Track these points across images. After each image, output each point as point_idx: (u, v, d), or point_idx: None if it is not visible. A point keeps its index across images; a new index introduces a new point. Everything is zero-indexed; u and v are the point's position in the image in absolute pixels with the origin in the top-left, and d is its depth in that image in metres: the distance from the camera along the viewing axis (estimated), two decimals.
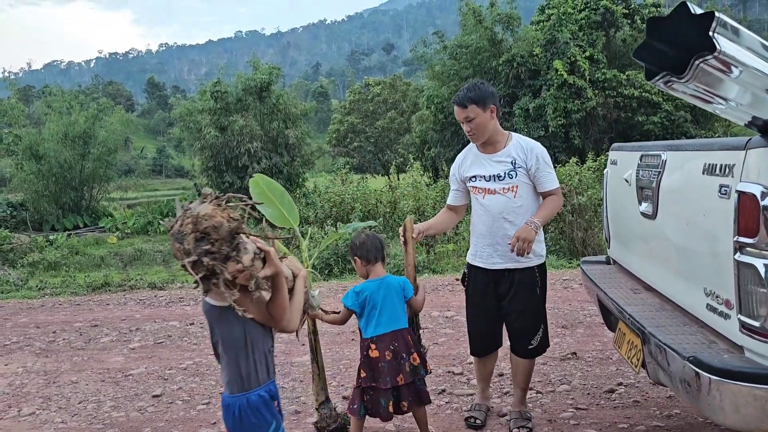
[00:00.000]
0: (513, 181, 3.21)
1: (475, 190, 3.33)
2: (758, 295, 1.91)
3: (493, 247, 3.28)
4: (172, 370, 4.89)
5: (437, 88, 21.30)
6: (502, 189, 3.23)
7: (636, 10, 20.88)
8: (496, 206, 3.23)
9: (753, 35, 1.97)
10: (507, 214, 3.22)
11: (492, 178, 3.25)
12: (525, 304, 3.31)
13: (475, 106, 3.19)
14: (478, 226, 3.34)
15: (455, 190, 3.48)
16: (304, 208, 13.98)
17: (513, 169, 3.22)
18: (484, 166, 3.29)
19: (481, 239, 3.31)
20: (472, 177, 3.32)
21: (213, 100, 22.54)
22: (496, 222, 3.24)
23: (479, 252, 3.35)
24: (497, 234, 3.25)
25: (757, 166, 1.94)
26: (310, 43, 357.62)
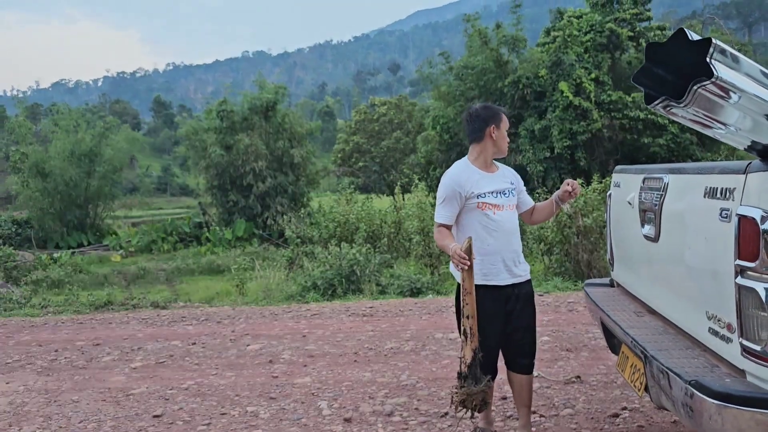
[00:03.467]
0: (513, 200, 3.39)
1: (485, 206, 3.28)
2: (759, 319, 1.90)
3: (503, 264, 3.29)
4: (174, 390, 4.87)
5: (443, 108, 21.39)
6: (509, 206, 3.35)
7: (641, 33, 20.99)
8: (508, 222, 3.32)
9: (753, 63, 1.99)
10: (515, 230, 3.36)
11: (499, 195, 3.32)
12: (530, 318, 3.37)
13: None
14: (488, 242, 3.26)
15: (454, 209, 3.32)
16: (309, 228, 14.00)
17: (512, 189, 3.40)
18: (491, 183, 3.33)
19: (491, 256, 3.27)
20: (482, 194, 3.28)
21: (219, 119, 22.68)
22: (509, 237, 3.31)
23: (486, 270, 3.26)
24: (510, 249, 3.31)
25: (757, 190, 1.95)
26: (316, 63, 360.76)
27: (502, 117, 3.34)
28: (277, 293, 10.12)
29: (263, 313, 7.76)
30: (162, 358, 5.83)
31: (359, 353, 5.64)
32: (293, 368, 5.28)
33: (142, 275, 16.33)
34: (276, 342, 6.19)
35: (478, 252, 3.22)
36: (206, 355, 5.83)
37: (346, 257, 9.82)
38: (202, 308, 8.72)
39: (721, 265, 2.11)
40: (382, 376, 4.92)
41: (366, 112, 38.98)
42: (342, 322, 6.98)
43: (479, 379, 3.09)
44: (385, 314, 7.32)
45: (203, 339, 6.48)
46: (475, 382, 3.08)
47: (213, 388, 4.84)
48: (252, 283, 11.81)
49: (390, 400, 4.36)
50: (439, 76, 22.07)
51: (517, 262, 3.33)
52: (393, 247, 12.38)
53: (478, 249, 3.24)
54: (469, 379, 3.08)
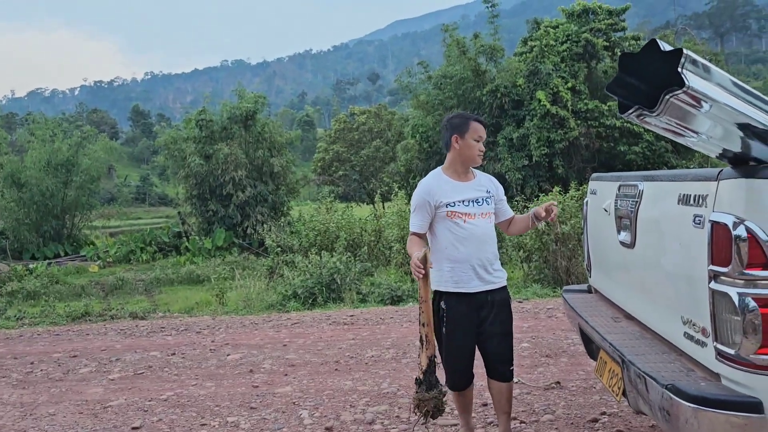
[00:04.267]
0: (489, 208, 3.36)
1: (454, 215, 3.27)
2: (733, 323, 1.94)
3: (474, 271, 3.25)
4: (153, 401, 4.81)
5: (422, 117, 21.51)
6: (482, 214, 3.31)
7: (616, 43, 21.35)
8: (479, 230, 3.27)
9: (723, 72, 2.04)
10: (489, 238, 3.32)
11: (471, 203, 3.29)
12: (505, 325, 3.33)
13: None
14: (459, 249, 3.25)
15: (424, 217, 3.34)
16: (289, 237, 13.95)
17: (489, 197, 3.37)
18: (462, 192, 3.31)
19: (460, 264, 3.25)
20: (451, 203, 3.28)
21: (198, 128, 22.56)
22: (480, 245, 3.26)
23: (457, 277, 3.27)
24: (482, 257, 3.26)
25: (728, 196, 1.99)
26: (296, 73, 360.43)
27: (467, 126, 3.30)
28: (257, 302, 10.06)
29: (243, 323, 7.71)
30: (141, 369, 5.76)
31: (340, 362, 5.63)
32: (274, 377, 5.25)
33: (120, 286, 16.12)
34: (256, 351, 6.15)
35: (449, 259, 3.27)
36: (186, 366, 5.78)
37: (326, 266, 9.80)
38: (181, 318, 8.64)
39: (695, 271, 2.15)
40: (363, 385, 4.91)
41: (346, 121, 39.02)
42: (323, 331, 6.96)
43: (433, 386, 3.12)
44: (366, 322, 7.32)
45: (183, 349, 6.41)
46: (428, 388, 3.11)
47: (193, 399, 4.79)
48: (232, 292, 11.72)
49: (371, 409, 4.35)
50: (418, 85, 22.20)
51: (489, 269, 3.29)
52: (373, 256, 12.39)
53: (449, 256, 3.27)
54: (423, 385, 3.12)
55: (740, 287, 1.92)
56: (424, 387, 3.11)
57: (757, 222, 1.89)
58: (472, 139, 3.29)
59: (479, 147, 3.32)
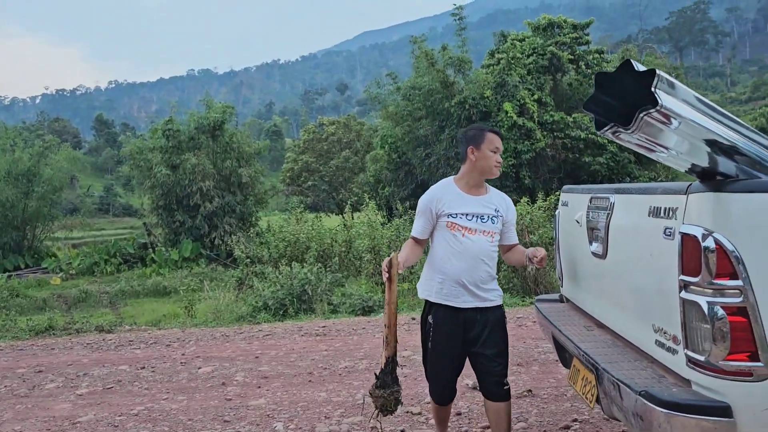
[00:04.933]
0: (493, 227, 3.26)
1: (453, 227, 3.21)
2: (702, 331, 2.02)
3: (464, 287, 3.19)
4: (123, 416, 4.73)
5: (391, 128, 21.64)
6: (483, 231, 3.22)
7: (581, 56, 21.85)
8: (476, 247, 3.19)
9: (687, 89, 2.13)
10: (485, 257, 3.22)
11: (474, 218, 3.22)
12: (499, 345, 3.26)
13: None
14: (451, 263, 3.20)
15: (425, 223, 3.30)
16: (258, 248, 13.85)
17: (496, 216, 3.27)
18: (467, 205, 3.24)
19: (451, 278, 3.20)
20: (453, 214, 3.21)
21: (164, 138, 22.30)
22: (474, 263, 3.19)
23: (446, 290, 3.22)
24: (473, 275, 3.19)
25: (697, 209, 2.08)
26: (264, 83, 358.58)
27: (483, 137, 3.24)
28: (227, 314, 9.95)
29: (214, 335, 7.63)
30: (109, 383, 5.65)
31: (314, 373, 5.62)
32: (247, 390, 5.21)
33: (83, 298, 15.77)
34: (228, 364, 6.09)
35: (441, 271, 3.23)
36: (156, 380, 5.69)
37: (297, 277, 9.77)
38: (149, 331, 8.49)
39: (666, 281, 2.23)
40: (338, 396, 4.91)
41: (314, 131, 39.03)
42: (295, 342, 6.93)
43: (386, 385, 3.13)
44: (338, 333, 7.31)
45: (152, 363, 6.31)
46: (380, 385, 3.13)
47: (164, 413, 4.72)
48: (201, 304, 11.57)
49: (346, 420, 4.35)
50: (387, 96, 22.33)
51: (482, 288, 3.22)
52: (344, 266, 12.38)
53: (441, 268, 3.23)
54: (378, 382, 3.16)
55: (709, 296, 2.00)
56: (378, 384, 3.15)
57: (725, 234, 1.98)
58: (488, 150, 3.24)
59: (496, 158, 3.25)
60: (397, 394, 3.15)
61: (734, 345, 1.96)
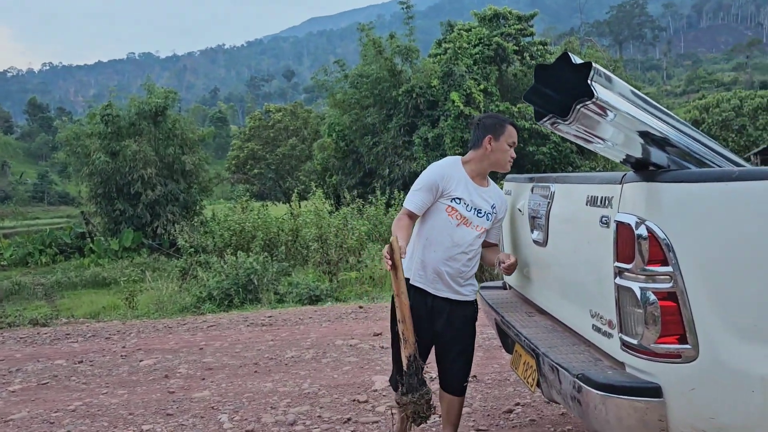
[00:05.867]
0: (486, 223, 3.15)
1: (452, 212, 3.06)
2: (635, 316, 2.10)
3: (440, 277, 3.08)
4: (59, 412, 4.57)
5: (338, 116, 21.56)
6: (477, 226, 3.10)
7: (525, 48, 22.25)
8: (466, 239, 3.08)
9: (623, 82, 2.20)
10: (471, 252, 3.12)
11: (474, 211, 3.09)
12: (465, 342, 3.20)
13: None
14: (433, 248, 3.07)
15: (427, 199, 3.08)
16: (202, 237, 13.59)
17: (491, 213, 3.16)
18: (471, 194, 3.10)
19: (433, 264, 3.07)
20: (458, 198, 3.06)
21: (103, 123, 21.59)
22: (460, 255, 3.08)
23: (424, 274, 3.10)
24: (455, 267, 3.08)
25: (631, 198, 2.15)
26: (208, 68, 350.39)
27: (504, 129, 3.10)
28: (170, 305, 9.75)
29: (156, 327, 7.46)
30: (45, 379, 5.45)
31: (259, 363, 5.57)
32: (191, 382, 5.12)
33: (16, 291, 15.11)
34: (171, 356, 5.97)
35: (423, 255, 3.08)
36: (95, 374, 5.52)
37: (242, 266, 9.64)
38: (88, 324, 8.23)
39: (602, 267, 2.30)
40: (284, 386, 4.89)
41: (261, 118, 38.49)
42: (240, 333, 6.85)
43: (413, 389, 2.86)
44: (285, 323, 7.27)
45: (91, 356, 6.13)
46: (407, 390, 2.86)
47: (104, 408, 4.59)
48: (142, 295, 11.29)
49: (292, 410, 4.34)
50: (335, 84, 22.22)
51: (460, 281, 3.12)
52: (291, 255, 12.29)
53: (424, 252, 3.08)
54: (402, 388, 2.88)
55: (642, 282, 2.08)
56: (404, 389, 2.87)
57: (657, 222, 2.05)
58: (506, 143, 3.11)
59: (511, 153, 3.14)
60: (427, 396, 2.89)
61: (665, 328, 2.04)
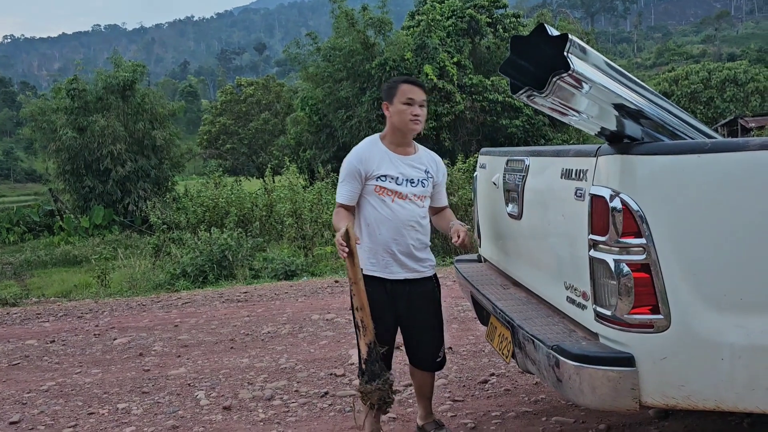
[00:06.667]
0: (424, 191, 3.03)
1: (382, 191, 2.95)
2: (609, 287, 2.13)
3: (393, 257, 2.97)
4: (32, 393, 4.51)
5: (311, 89, 21.32)
6: (414, 196, 2.98)
7: (498, 20, 22.15)
8: (405, 212, 2.96)
9: (598, 54, 2.19)
10: (416, 223, 3.00)
11: (405, 182, 2.97)
12: (430, 318, 3.10)
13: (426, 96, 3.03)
14: (378, 232, 2.97)
15: (354, 188, 2.99)
16: (175, 213, 13.43)
17: (426, 179, 3.04)
18: (396, 166, 2.98)
19: (382, 246, 2.97)
20: (382, 176, 2.95)
21: (69, 98, 21.09)
22: (405, 230, 2.96)
23: (375, 260, 2.99)
24: (404, 243, 2.97)
25: (606, 171, 2.16)
26: (177, 41, 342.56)
27: (396, 90, 2.94)
28: (143, 283, 9.65)
29: (130, 305, 7.38)
30: (16, 359, 5.37)
31: (235, 340, 5.55)
32: (166, 360, 5.09)
33: None
34: (146, 334, 5.92)
35: (370, 239, 2.99)
36: (68, 353, 5.46)
37: (216, 242, 9.57)
38: (59, 303, 8.11)
39: (576, 240, 2.32)
40: (261, 361, 4.88)
41: (232, 92, 37.91)
42: (216, 309, 6.82)
43: (375, 376, 2.78)
44: (260, 299, 7.25)
45: (63, 336, 6.04)
46: (369, 379, 2.79)
47: (78, 388, 4.54)
48: (115, 273, 11.16)
49: (269, 385, 4.34)
50: (307, 57, 21.94)
51: (414, 257, 3.01)
52: (265, 231, 12.23)
53: (369, 236, 2.99)
54: (364, 376, 2.81)
55: (616, 254, 2.10)
56: (367, 377, 2.79)
57: (630, 194, 2.07)
58: (400, 102, 2.92)
59: (411, 111, 2.92)
60: (390, 380, 2.83)
61: (638, 299, 2.07)
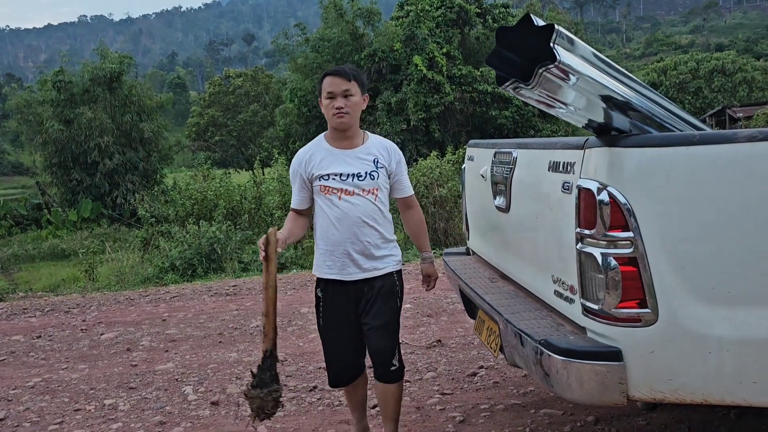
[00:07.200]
0: (374, 183, 2.83)
1: (327, 191, 2.81)
2: (597, 281, 2.11)
3: (349, 257, 2.82)
4: (18, 389, 4.46)
5: (300, 81, 21.21)
6: (362, 190, 2.80)
7: (487, 10, 22.09)
8: (356, 209, 2.79)
9: (585, 45, 2.16)
10: (370, 219, 2.82)
11: (350, 177, 2.80)
12: (385, 317, 2.88)
13: (357, 83, 2.77)
14: (331, 232, 2.82)
15: (301, 191, 2.92)
16: (163, 206, 13.32)
17: (375, 170, 2.84)
18: (339, 163, 2.82)
19: (337, 247, 2.82)
20: (324, 175, 2.81)
21: (56, 90, 20.88)
22: (356, 227, 2.79)
23: (331, 263, 2.85)
24: (358, 241, 2.81)
25: (593, 163, 2.14)
26: (165, 31, 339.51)
27: (320, 85, 2.81)
28: (131, 277, 9.58)
29: (117, 299, 7.32)
30: (1, 355, 5.31)
31: (224, 334, 5.52)
32: (154, 355, 5.05)
33: None
34: (133, 328, 5.88)
35: (325, 242, 2.86)
36: (54, 349, 5.41)
37: (205, 236, 9.51)
38: (46, 297, 8.04)
39: (564, 233, 2.30)
40: (249, 356, 4.86)
41: (221, 84, 37.68)
42: (204, 303, 6.78)
43: (264, 385, 2.63)
44: (249, 292, 7.21)
45: (50, 331, 5.99)
46: (258, 386, 2.64)
47: (64, 384, 4.50)
48: (103, 267, 11.07)
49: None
50: (296, 47, 21.84)
51: (372, 255, 2.84)
52: (254, 223, 12.14)
53: (324, 238, 2.86)
54: (254, 380, 2.66)
55: (603, 248, 2.08)
56: (254, 382, 2.66)
57: (618, 187, 2.05)
58: (324, 98, 2.79)
59: (334, 105, 2.74)
60: (276, 393, 2.65)
61: (625, 293, 2.05)
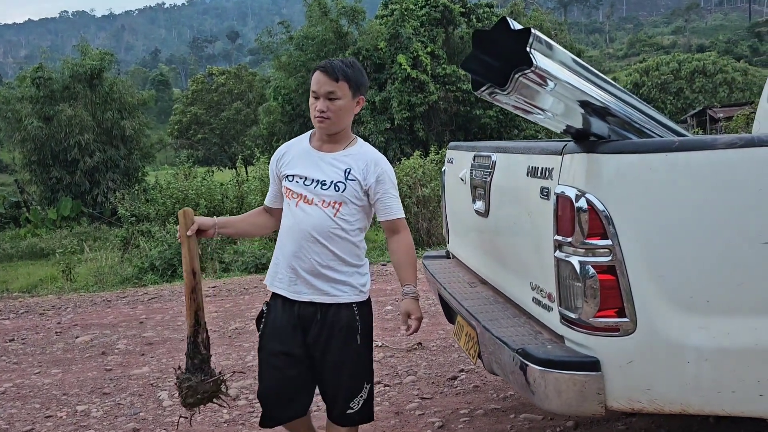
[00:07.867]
0: (338, 195, 2.39)
1: (289, 193, 2.47)
2: (575, 289, 2.07)
3: (295, 273, 2.42)
4: None
5: (284, 79, 21.10)
6: (322, 201, 2.39)
7: (472, 9, 22.11)
8: (307, 220, 2.39)
9: (564, 50, 2.12)
10: (320, 234, 2.38)
11: (314, 183, 2.41)
12: (340, 354, 2.44)
13: (347, 85, 2.37)
14: (283, 242, 2.48)
15: (273, 187, 2.63)
16: (144, 205, 13.18)
17: (343, 180, 2.40)
18: (309, 165, 2.45)
19: (285, 259, 2.45)
20: (290, 176, 2.47)
21: (35, 87, 20.60)
22: (304, 240, 2.39)
23: (281, 275, 2.48)
24: (304, 257, 2.40)
25: (572, 170, 2.10)
26: (148, 28, 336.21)
27: (312, 78, 2.44)
28: (110, 277, 9.46)
29: (94, 301, 7.20)
30: None
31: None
32: (129, 358, 4.96)
33: None
34: (109, 331, 5.78)
35: (278, 252, 2.52)
36: (27, 353, 5.29)
37: None
38: (21, 299, 7.89)
39: (542, 240, 2.26)
40: (227, 359, 4.79)
41: (204, 81, 37.41)
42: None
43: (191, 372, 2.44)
44: (229, 293, 7.13)
45: (23, 334, 5.87)
46: (187, 370, 2.46)
47: (36, 389, 4.40)
48: (81, 267, 10.91)
49: (235, 384, 4.24)
50: (280, 45, 21.74)
51: (322, 276, 2.41)
52: None
53: (278, 248, 2.53)
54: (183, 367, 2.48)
55: (581, 256, 2.04)
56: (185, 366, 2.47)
57: (596, 194, 2.01)
58: (310, 95, 2.42)
59: (318, 106, 2.36)
60: (198, 385, 2.42)
61: (603, 302, 2.02)
